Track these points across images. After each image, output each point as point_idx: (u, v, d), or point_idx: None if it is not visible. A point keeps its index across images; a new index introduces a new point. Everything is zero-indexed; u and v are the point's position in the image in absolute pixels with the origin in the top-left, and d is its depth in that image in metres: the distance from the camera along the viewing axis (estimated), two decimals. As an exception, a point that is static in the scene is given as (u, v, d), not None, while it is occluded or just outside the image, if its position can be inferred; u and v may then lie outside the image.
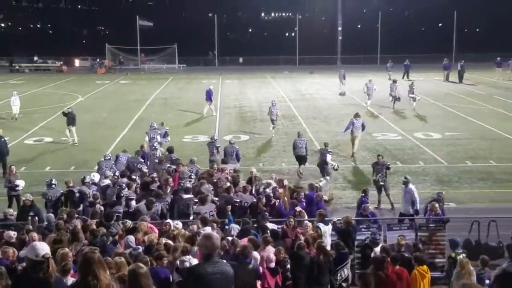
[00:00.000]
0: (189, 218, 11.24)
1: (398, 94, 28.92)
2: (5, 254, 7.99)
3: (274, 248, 8.83)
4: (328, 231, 10.46)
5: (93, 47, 61.28)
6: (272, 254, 8.59)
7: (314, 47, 57.31)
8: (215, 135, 18.78)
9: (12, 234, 9.17)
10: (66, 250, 7.24)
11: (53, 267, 4.98)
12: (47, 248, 4.98)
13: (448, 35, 58.65)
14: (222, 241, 8.27)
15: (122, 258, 7.26)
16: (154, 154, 16.00)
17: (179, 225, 10.16)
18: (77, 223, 9.90)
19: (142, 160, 15.41)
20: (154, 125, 18.75)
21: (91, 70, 53.24)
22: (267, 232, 9.60)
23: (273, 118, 23.14)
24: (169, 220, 10.57)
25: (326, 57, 57.39)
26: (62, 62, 54.35)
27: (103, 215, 10.98)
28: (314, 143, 20.86)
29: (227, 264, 5.11)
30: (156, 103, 32.31)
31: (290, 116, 27.42)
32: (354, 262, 9.96)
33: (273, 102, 24.06)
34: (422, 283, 8.40)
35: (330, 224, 10.68)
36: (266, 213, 11.01)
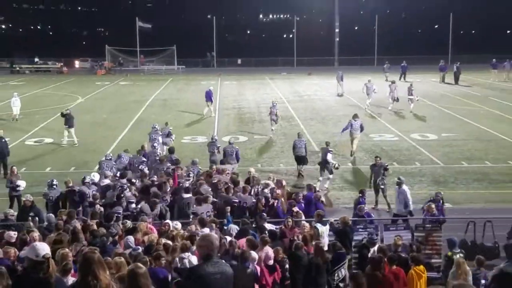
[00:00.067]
0: (189, 218, 11.29)
1: (397, 94, 29.07)
2: (6, 254, 8.03)
3: (272, 248, 8.90)
4: (325, 232, 10.57)
5: (93, 49, 61.18)
6: (270, 252, 8.65)
7: (311, 49, 57.22)
8: (215, 135, 18.90)
9: (12, 234, 9.20)
10: (66, 250, 7.28)
11: (53, 267, 5.03)
12: (47, 248, 5.02)
13: (444, 37, 58.82)
14: (221, 241, 8.35)
15: (122, 258, 7.30)
16: (155, 153, 16.20)
17: (178, 225, 10.22)
18: (77, 224, 9.95)
19: (145, 159, 15.54)
20: (156, 126, 18.93)
21: (91, 71, 53.19)
22: (265, 232, 9.64)
23: (273, 118, 23.25)
24: (168, 220, 10.64)
25: (323, 58, 57.37)
26: (62, 64, 54.19)
27: (103, 216, 11.03)
28: (311, 144, 20.95)
29: (227, 264, 5.12)
30: (155, 104, 32.36)
31: (288, 117, 27.48)
32: (352, 262, 10.01)
33: (273, 103, 24.18)
34: (419, 283, 8.46)
35: (327, 224, 10.79)
36: (264, 213, 11.07)
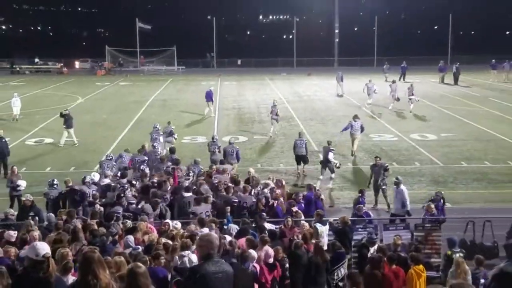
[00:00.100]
0: (189, 217, 11.30)
1: (398, 94, 29.11)
2: (6, 254, 8.06)
3: (272, 248, 8.91)
4: (325, 231, 10.59)
5: (93, 49, 61.21)
6: (270, 250, 8.66)
7: (311, 49, 57.28)
8: (216, 135, 18.94)
9: (12, 233, 9.24)
10: (66, 250, 7.28)
11: (53, 267, 5.04)
12: (47, 247, 5.04)
13: (443, 38, 58.85)
14: (220, 241, 8.35)
15: (121, 257, 7.31)
16: (155, 152, 16.29)
17: (178, 225, 10.23)
18: (77, 223, 9.97)
19: (146, 158, 15.59)
20: (157, 126, 19.03)
21: (91, 72, 53.23)
22: (265, 232, 9.66)
23: (274, 118, 23.27)
24: (168, 220, 10.66)
25: (323, 59, 57.40)
26: (62, 64, 54.22)
27: (103, 215, 11.04)
28: (311, 144, 20.99)
29: (227, 263, 5.14)
30: (155, 105, 32.39)
31: (288, 117, 27.49)
32: (351, 261, 10.03)
33: (274, 102, 24.24)
34: (418, 282, 8.47)
35: (327, 224, 10.81)
36: (264, 213, 11.08)
